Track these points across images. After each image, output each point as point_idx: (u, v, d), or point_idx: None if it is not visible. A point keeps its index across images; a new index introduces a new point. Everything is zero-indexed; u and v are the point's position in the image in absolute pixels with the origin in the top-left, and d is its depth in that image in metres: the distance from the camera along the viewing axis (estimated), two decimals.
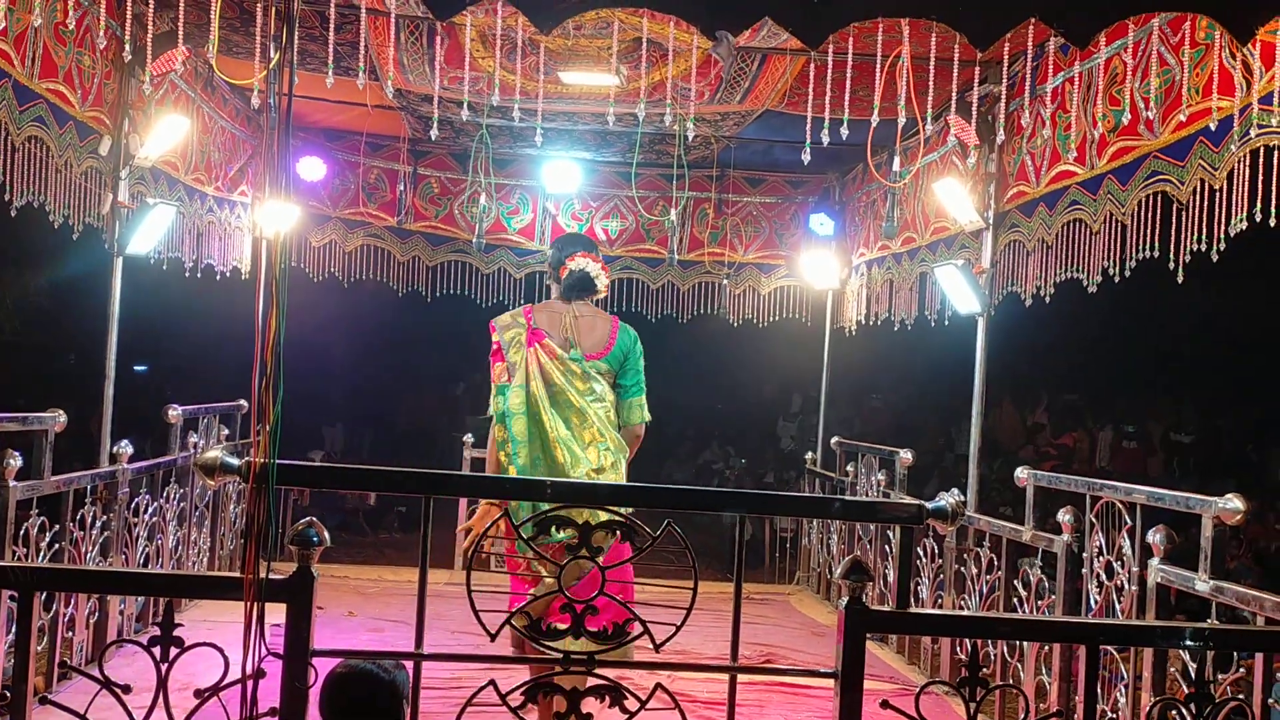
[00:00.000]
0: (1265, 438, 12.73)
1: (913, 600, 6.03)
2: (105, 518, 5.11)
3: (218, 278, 7.25)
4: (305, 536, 2.49)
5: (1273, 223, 3.55)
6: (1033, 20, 2.76)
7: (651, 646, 2.61)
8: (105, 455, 5.45)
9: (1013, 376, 12.78)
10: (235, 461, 2.56)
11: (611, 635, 2.58)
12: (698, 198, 8.59)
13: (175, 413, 6.04)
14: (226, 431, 6.81)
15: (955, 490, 5.51)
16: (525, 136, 7.61)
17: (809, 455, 8.49)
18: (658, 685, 2.58)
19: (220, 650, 2.49)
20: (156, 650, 2.49)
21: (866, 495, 7.00)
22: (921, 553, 6.01)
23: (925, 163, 6.59)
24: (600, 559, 2.59)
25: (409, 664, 2.65)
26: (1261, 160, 3.60)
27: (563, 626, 2.55)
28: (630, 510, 2.92)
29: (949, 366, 8.81)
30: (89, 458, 5.63)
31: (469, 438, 8.04)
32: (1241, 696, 3.29)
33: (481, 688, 2.55)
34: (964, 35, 2.61)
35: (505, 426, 4.11)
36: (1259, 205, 3.61)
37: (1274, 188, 3.54)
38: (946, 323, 6.58)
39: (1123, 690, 4.15)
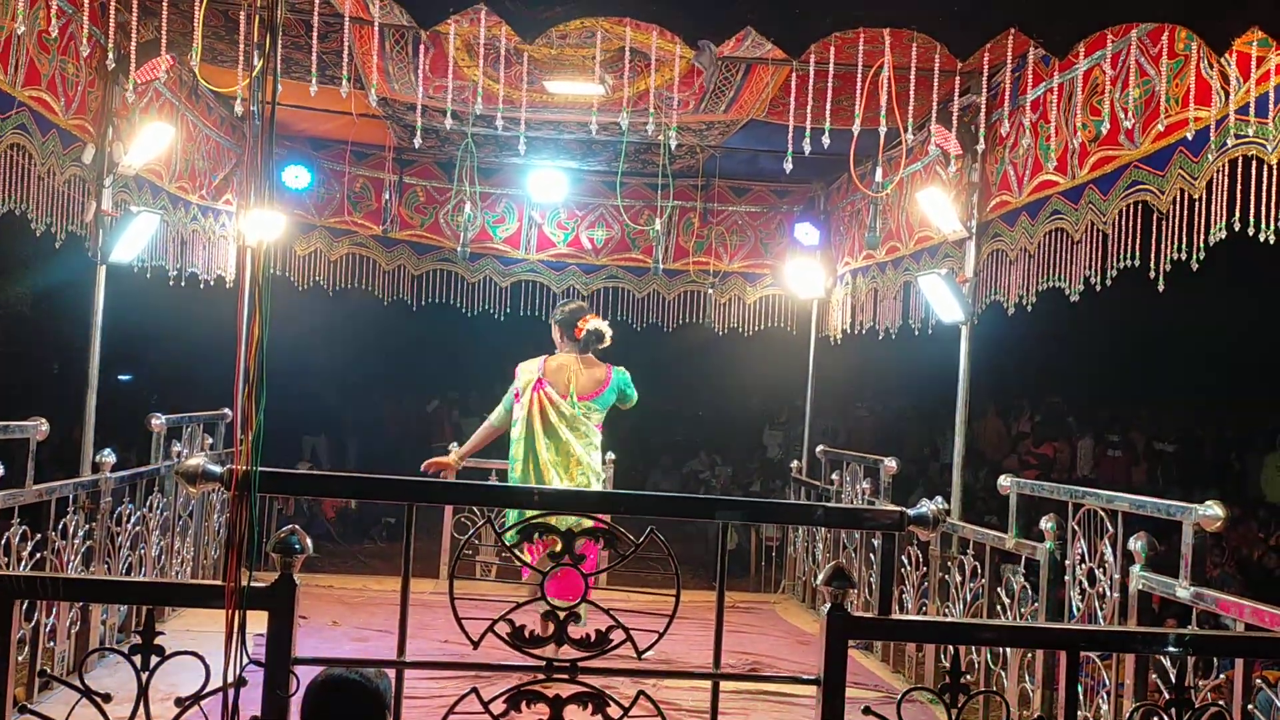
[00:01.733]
0: (1247, 446, 12.80)
1: (896, 607, 6.07)
2: (88, 527, 5.08)
3: (202, 286, 7.23)
4: (287, 544, 2.49)
5: (1251, 232, 3.59)
6: (1012, 31, 2.78)
7: (634, 654, 2.61)
8: (88, 464, 5.42)
9: (997, 386, 12.84)
10: (217, 469, 2.55)
11: (594, 643, 2.58)
12: (683, 207, 8.61)
13: (158, 421, 6.01)
14: (210, 440, 6.78)
15: (939, 498, 5.56)
16: (511, 145, 7.61)
17: (794, 464, 8.50)
18: (641, 693, 2.58)
19: (201, 659, 2.48)
20: (137, 659, 2.48)
21: (851, 504, 7.01)
22: (906, 561, 6.02)
23: (909, 172, 6.63)
24: (582, 566, 2.60)
25: (391, 672, 2.64)
26: (1240, 170, 3.63)
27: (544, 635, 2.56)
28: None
29: (933, 375, 8.85)
30: (73, 467, 5.60)
31: (454, 447, 8.01)
32: (1222, 703, 3.31)
33: (463, 696, 2.54)
34: (944, 45, 2.64)
35: (510, 445, 5.53)
36: (1237, 214, 3.65)
37: (1252, 197, 3.57)
38: (930, 332, 6.61)
39: (1105, 697, 4.16)
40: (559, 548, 2.58)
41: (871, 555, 6.57)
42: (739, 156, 7.93)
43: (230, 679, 2.42)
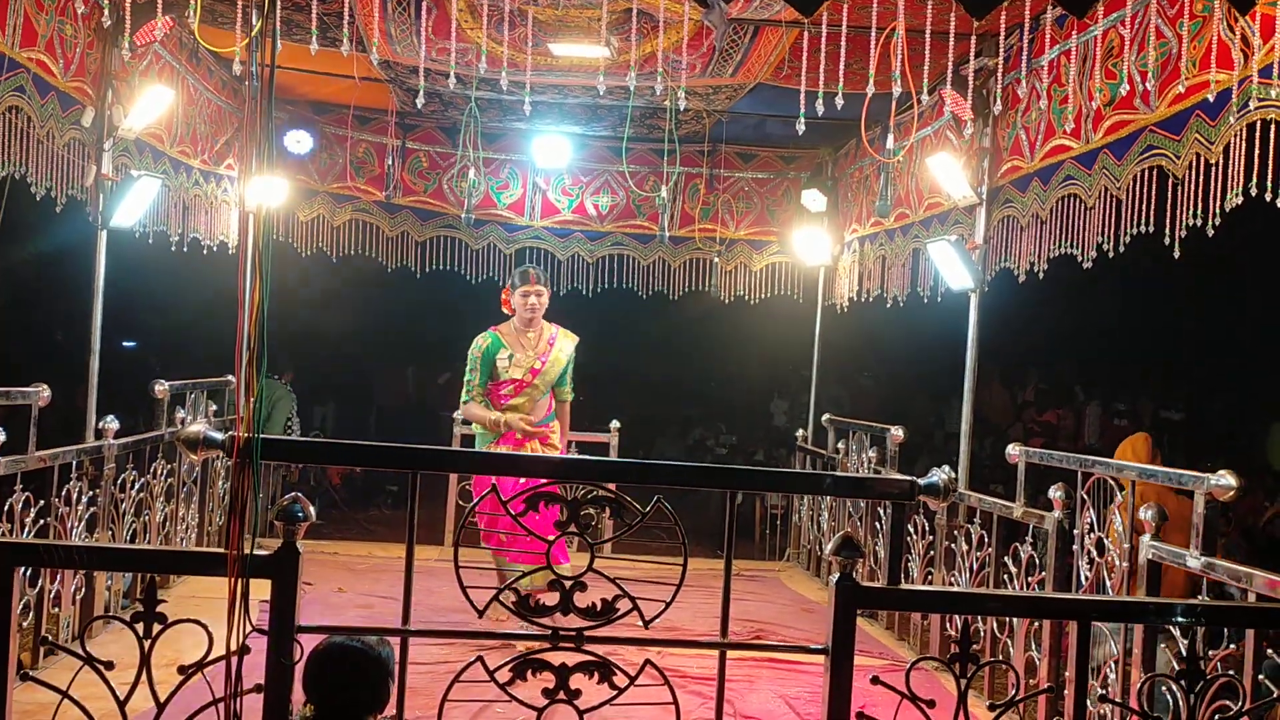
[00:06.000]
0: (1254, 415, 12.75)
1: (903, 577, 6.05)
2: (92, 493, 5.07)
3: (204, 252, 7.18)
4: (290, 512, 2.46)
5: (1268, 197, 3.52)
6: None
7: (641, 623, 2.59)
8: (91, 430, 5.40)
9: (1003, 354, 12.77)
10: (219, 436, 2.52)
11: (600, 612, 2.56)
12: (689, 173, 8.53)
13: (162, 387, 5.99)
14: (215, 407, 6.76)
15: (946, 466, 5.52)
16: (515, 110, 7.52)
17: (799, 432, 8.47)
18: (647, 661, 2.56)
19: (204, 626, 2.46)
20: (140, 626, 2.46)
21: (857, 472, 6.99)
22: (912, 530, 6.00)
23: (919, 137, 6.54)
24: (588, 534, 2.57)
25: (395, 640, 2.62)
26: (1258, 134, 3.55)
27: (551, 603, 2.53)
28: None
29: (940, 344, 8.78)
30: (79, 434, 5.58)
31: (458, 414, 7.99)
32: (1232, 673, 3.28)
33: (469, 664, 2.52)
34: (961, 4, 2.57)
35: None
36: (1255, 180, 3.58)
37: (1271, 162, 3.50)
38: (939, 299, 6.55)
39: (1112, 666, 4.14)
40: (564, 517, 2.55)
41: (877, 524, 6.56)
42: (746, 122, 7.83)
43: (233, 647, 2.40)
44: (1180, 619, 2.76)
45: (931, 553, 5.80)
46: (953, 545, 5.54)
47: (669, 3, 4.60)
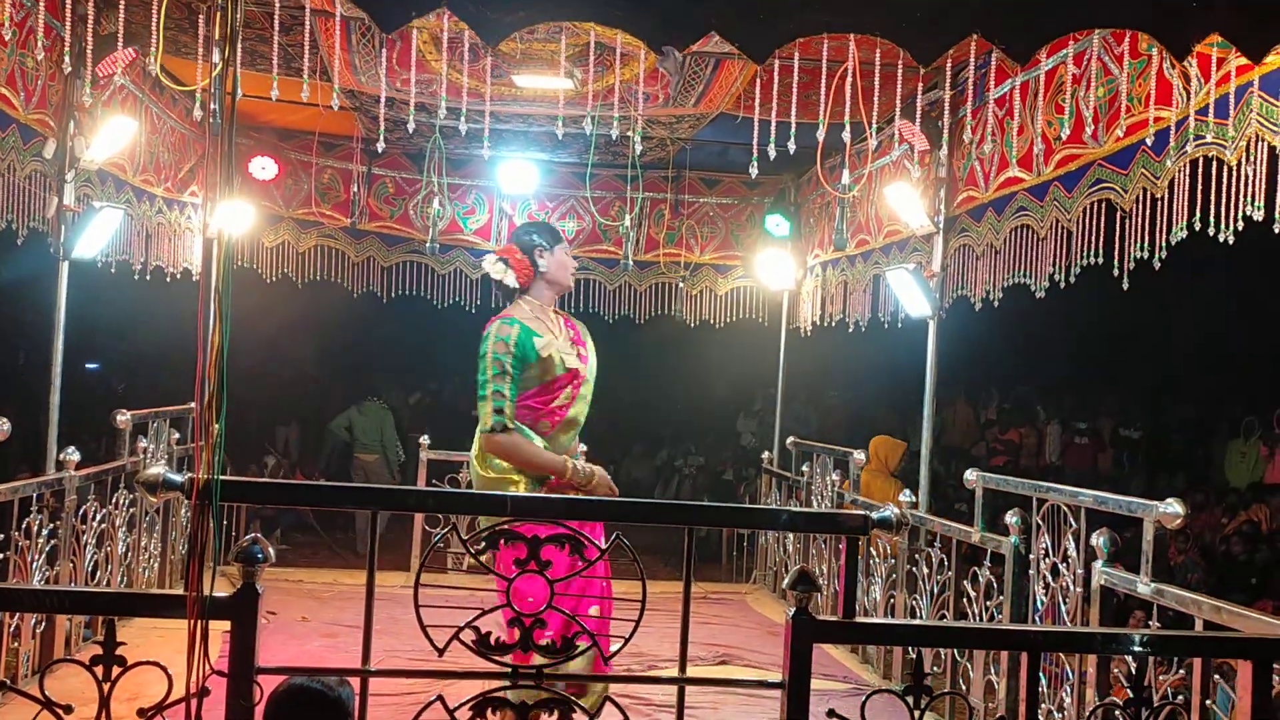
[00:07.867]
0: (1212, 433, 12.97)
1: (864, 601, 6.12)
2: (52, 525, 5.02)
3: (168, 280, 7.15)
4: (250, 554, 2.47)
5: (1210, 232, 3.63)
6: (975, 36, 2.79)
7: (601, 659, 2.62)
8: (52, 462, 5.36)
9: (966, 376, 12.93)
10: (178, 478, 2.53)
11: (561, 649, 2.59)
12: (654, 198, 8.60)
13: (124, 418, 5.96)
14: (177, 435, 6.72)
15: (906, 490, 5.58)
16: (480, 137, 7.56)
17: (766, 454, 8.53)
18: (606, 698, 2.59)
19: (164, 669, 2.47)
20: (99, 669, 2.46)
21: (822, 495, 7.05)
22: (874, 552, 6.07)
23: (877, 166, 6.65)
24: (548, 572, 2.60)
25: (355, 679, 2.64)
26: (1200, 171, 3.67)
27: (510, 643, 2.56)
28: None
29: (904, 365, 8.91)
30: (43, 459, 5.53)
31: (425, 439, 7.99)
32: (1181, 699, 3.36)
33: (429, 703, 2.54)
34: (908, 52, 2.64)
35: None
36: (1198, 215, 3.69)
37: (1212, 198, 3.61)
38: (899, 325, 6.64)
39: (1069, 690, 4.21)
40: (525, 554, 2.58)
41: (840, 546, 6.61)
42: (709, 149, 7.93)
43: (193, 689, 2.40)
44: (1129, 649, 2.82)
45: (894, 575, 5.86)
46: (913, 569, 5.61)
47: (628, 37, 4.66)
